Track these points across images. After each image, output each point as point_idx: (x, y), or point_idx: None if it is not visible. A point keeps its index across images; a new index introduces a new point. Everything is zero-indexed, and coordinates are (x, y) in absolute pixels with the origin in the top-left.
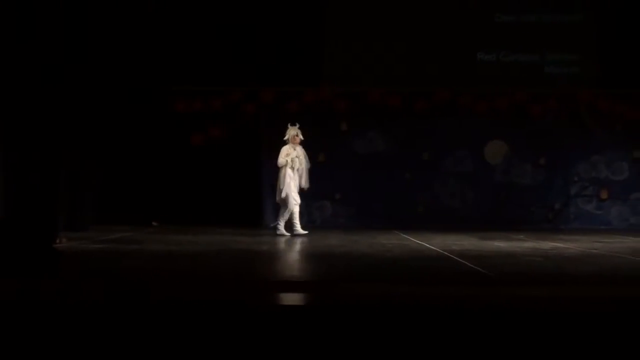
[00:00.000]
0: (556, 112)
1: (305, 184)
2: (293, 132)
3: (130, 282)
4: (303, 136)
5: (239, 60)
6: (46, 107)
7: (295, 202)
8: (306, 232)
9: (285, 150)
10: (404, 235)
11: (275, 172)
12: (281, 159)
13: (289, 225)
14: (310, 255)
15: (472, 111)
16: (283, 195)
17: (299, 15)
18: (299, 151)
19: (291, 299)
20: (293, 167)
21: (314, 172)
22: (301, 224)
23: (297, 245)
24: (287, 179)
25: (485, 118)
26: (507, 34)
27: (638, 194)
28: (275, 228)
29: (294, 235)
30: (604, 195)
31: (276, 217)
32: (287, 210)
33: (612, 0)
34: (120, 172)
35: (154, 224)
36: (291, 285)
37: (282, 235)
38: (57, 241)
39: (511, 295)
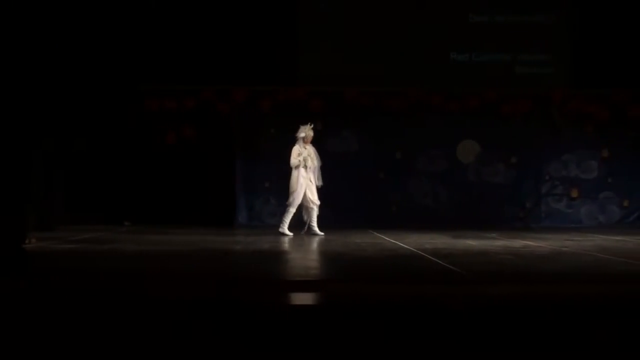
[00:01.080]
0: (527, 112)
1: (319, 182)
2: (310, 133)
3: (100, 282)
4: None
5: (212, 59)
6: (15, 105)
7: (313, 203)
8: (322, 233)
9: (296, 150)
10: (378, 235)
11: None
12: (294, 160)
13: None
14: (284, 255)
15: (445, 111)
16: (290, 197)
17: (273, 14)
18: (310, 150)
19: (266, 297)
20: (306, 166)
21: (288, 171)
22: (276, 223)
23: (270, 245)
24: (301, 180)
25: (457, 117)
26: (479, 35)
27: (607, 193)
28: (310, 231)
29: (312, 233)
30: (574, 194)
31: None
32: (312, 210)
33: (583, 2)
34: (93, 171)
35: (126, 223)
36: (265, 285)
37: (317, 234)
38: (27, 241)
39: (483, 294)
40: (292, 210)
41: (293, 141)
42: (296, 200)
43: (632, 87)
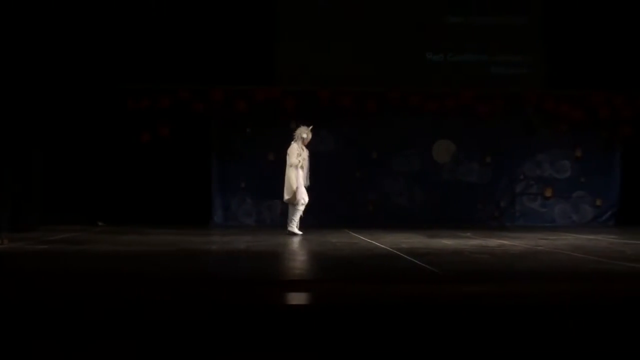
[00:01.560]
0: (503, 112)
1: (308, 182)
2: (310, 135)
3: (71, 283)
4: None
5: (189, 58)
6: None
7: (304, 202)
8: (300, 232)
9: (296, 150)
10: (354, 234)
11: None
12: (294, 159)
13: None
14: (259, 255)
15: (421, 111)
16: (298, 195)
17: (251, 14)
18: (306, 152)
19: (239, 299)
20: (302, 167)
21: (264, 171)
22: (252, 223)
23: (247, 244)
24: (300, 179)
25: (433, 117)
26: (455, 35)
27: (580, 192)
28: (290, 232)
29: (291, 234)
30: (548, 193)
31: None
32: (296, 210)
33: (557, 3)
34: (68, 171)
35: (100, 223)
36: (238, 286)
37: (295, 234)
38: None
39: (459, 292)
40: (301, 208)
41: (271, 141)
42: (301, 196)
43: (604, 89)
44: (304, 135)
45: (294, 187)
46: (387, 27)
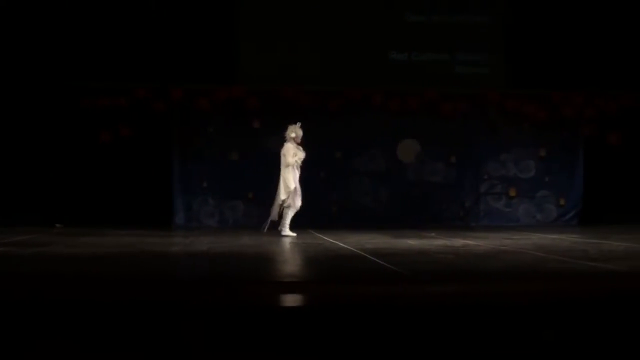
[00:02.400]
0: (466, 112)
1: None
2: (300, 132)
3: (28, 286)
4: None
5: (148, 56)
6: None
7: (294, 206)
8: (294, 234)
9: (292, 149)
10: (318, 235)
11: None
12: (291, 159)
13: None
14: (223, 256)
15: (385, 110)
16: (297, 196)
17: (212, 11)
18: (303, 153)
19: (201, 299)
20: (298, 167)
21: (226, 171)
22: (215, 224)
23: (209, 246)
24: (296, 179)
25: (397, 117)
26: (417, 34)
27: (544, 192)
28: (284, 234)
29: (286, 235)
30: (512, 193)
31: (274, 219)
32: (289, 212)
33: (519, 2)
34: (24, 172)
35: (57, 225)
36: (201, 286)
37: (288, 236)
38: None
39: (424, 292)
40: (292, 210)
41: (233, 140)
42: (295, 199)
43: (565, 88)
44: (293, 135)
45: (292, 188)
46: (350, 25)
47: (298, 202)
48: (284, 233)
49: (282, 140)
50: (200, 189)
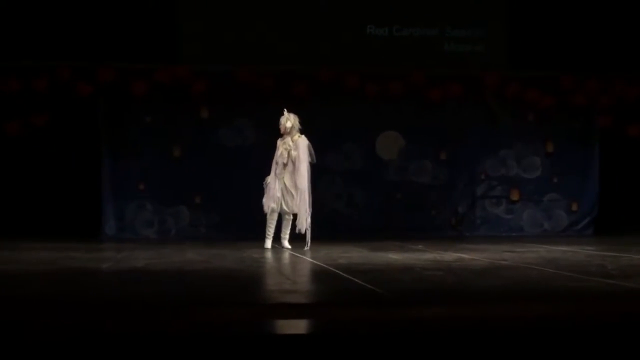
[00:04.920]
0: (459, 98)
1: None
2: (294, 121)
3: None
4: None
5: (71, 29)
6: None
7: (290, 214)
8: (289, 246)
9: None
10: (280, 247)
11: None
12: (306, 157)
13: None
14: (163, 274)
15: (362, 96)
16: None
17: None
18: (294, 143)
19: (126, 326)
20: (277, 162)
21: (168, 169)
22: (153, 235)
23: (146, 262)
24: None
25: (376, 104)
26: (401, 4)
27: (552, 195)
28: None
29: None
30: (514, 196)
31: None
32: (289, 220)
33: None
34: None
35: None
36: (128, 311)
37: (284, 247)
38: None
39: (409, 318)
40: (273, 217)
41: (176, 132)
42: (272, 201)
43: (577, 71)
44: (294, 124)
45: (305, 195)
46: None
47: (270, 207)
48: (283, 244)
49: (235, 132)
50: (136, 192)
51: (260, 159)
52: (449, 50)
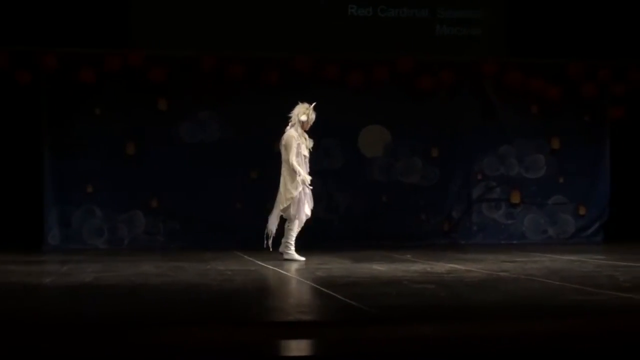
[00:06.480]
0: (452, 88)
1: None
2: (313, 116)
3: None
4: None
5: (9, 11)
6: None
7: (303, 218)
8: (303, 258)
9: (296, 138)
10: (249, 258)
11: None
12: (294, 157)
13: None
14: (113, 289)
15: (342, 85)
16: (302, 204)
17: None
18: (310, 141)
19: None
20: (306, 161)
21: (120, 169)
22: (104, 245)
23: (94, 276)
24: (305, 179)
25: (359, 95)
26: None
27: (558, 197)
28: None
29: (290, 260)
30: (515, 198)
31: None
32: (293, 226)
33: None
34: None
35: None
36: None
37: (294, 260)
38: None
39: (396, 336)
40: (296, 226)
41: (130, 126)
42: (300, 208)
43: (586, 57)
44: (303, 118)
45: (294, 194)
46: None
47: (303, 214)
48: (287, 256)
49: (198, 127)
50: (83, 195)
51: (226, 157)
52: (441, 33)
